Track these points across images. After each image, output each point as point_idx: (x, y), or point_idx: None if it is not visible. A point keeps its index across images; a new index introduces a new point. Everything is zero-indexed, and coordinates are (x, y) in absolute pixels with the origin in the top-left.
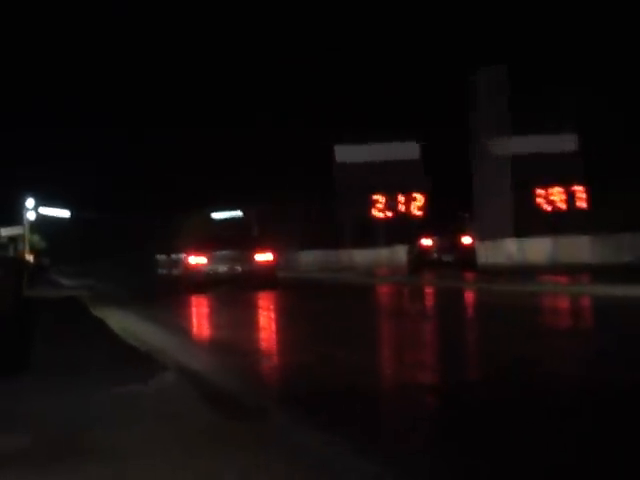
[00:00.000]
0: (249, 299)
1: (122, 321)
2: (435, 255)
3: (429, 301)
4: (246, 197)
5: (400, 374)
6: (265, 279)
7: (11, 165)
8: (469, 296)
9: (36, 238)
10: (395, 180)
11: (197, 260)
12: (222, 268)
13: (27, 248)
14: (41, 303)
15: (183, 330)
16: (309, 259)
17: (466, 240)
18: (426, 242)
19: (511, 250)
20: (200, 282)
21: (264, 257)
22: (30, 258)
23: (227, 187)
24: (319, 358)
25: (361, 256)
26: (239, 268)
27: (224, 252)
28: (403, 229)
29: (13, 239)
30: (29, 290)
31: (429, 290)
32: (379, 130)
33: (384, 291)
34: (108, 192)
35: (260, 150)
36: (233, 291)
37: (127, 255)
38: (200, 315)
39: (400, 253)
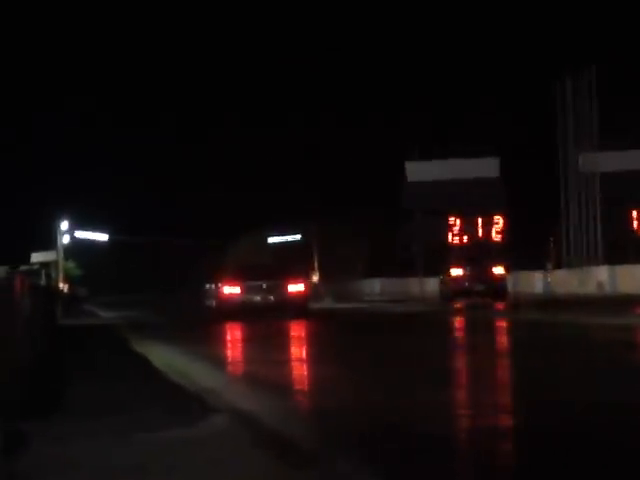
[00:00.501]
0: (297, 333)
1: (166, 357)
2: (466, 285)
3: (513, 336)
4: (307, 219)
5: (480, 419)
6: (297, 309)
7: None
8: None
9: (71, 265)
10: (472, 201)
11: (231, 290)
12: (256, 298)
13: (61, 276)
14: (77, 337)
15: (233, 367)
16: (374, 287)
17: (497, 270)
18: (456, 272)
19: (601, 278)
20: (234, 311)
21: (296, 287)
22: (64, 287)
23: (286, 208)
24: (387, 400)
25: (434, 285)
26: (272, 298)
27: (257, 282)
28: (481, 255)
29: (45, 265)
30: (64, 321)
31: (504, 324)
32: (454, 145)
33: (457, 324)
34: (151, 213)
35: (324, 167)
36: (279, 324)
37: (172, 284)
38: (251, 351)
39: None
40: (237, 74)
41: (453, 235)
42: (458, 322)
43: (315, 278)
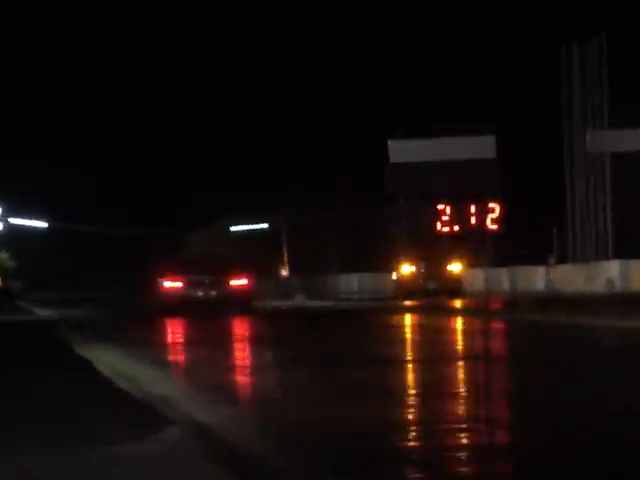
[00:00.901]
0: (250, 330)
1: (112, 361)
2: (420, 282)
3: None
4: (275, 205)
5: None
6: (240, 305)
7: None
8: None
9: (4, 255)
10: (464, 185)
11: (172, 284)
12: (198, 293)
13: None
14: (10, 339)
15: (188, 372)
16: (351, 283)
17: (453, 268)
18: (408, 269)
19: (611, 274)
20: (176, 307)
21: (239, 282)
22: None
23: (252, 194)
24: (363, 410)
25: None
26: (214, 293)
27: (200, 276)
28: (475, 247)
29: None
30: None
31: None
32: (444, 121)
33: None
34: (97, 199)
35: (294, 148)
36: (224, 323)
37: (119, 278)
38: (204, 354)
39: (472, 277)
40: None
41: (442, 224)
42: (441, 324)
43: (284, 272)
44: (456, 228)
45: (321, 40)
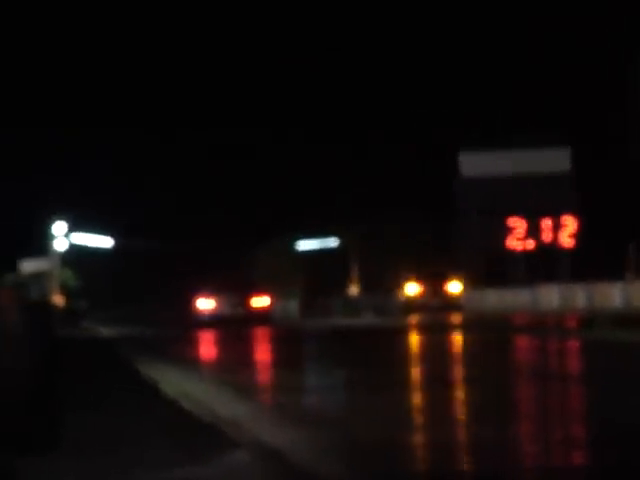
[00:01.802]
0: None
1: (180, 383)
2: (423, 301)
3: None
4: (344, 222)
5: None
6: (261, 319)
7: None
8: None
9: (68, 274)
10: (538, 199)
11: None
12: (227, 310)
13: (56, 287)
14: (77, 360)
15: (259, 393)
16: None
17: (453, 287)
18: (412, 289)
19: None
20: (209, 321)
21: (260, 302)
22: (60, 301)
23: (320, 209)
24: (460, 435)
25: (494, 299)
26: (240, 310)
27: (229, 296)
28: (550, 263)
29: (37, 276)
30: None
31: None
32: (518, 134)
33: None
34: (163, 216)
35: (362, 161)
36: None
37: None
38: (277, 373)
39: (547, 295)
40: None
41: (515, 239)
42: (524, 343)
43: (354, 290)
44: (529, 244)
45: (393, 51)
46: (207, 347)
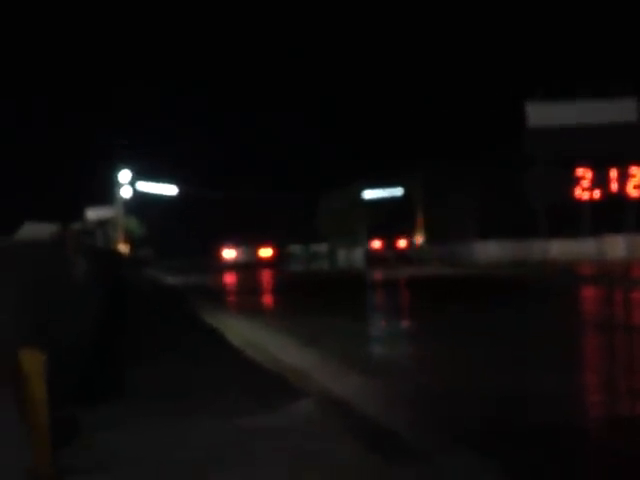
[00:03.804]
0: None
1: (244, 331)
2: (383, 254)
3: None
4: (410, 170)
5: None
6: (267, 265)
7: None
8: None
9: (133, 222)
10: (605, 149)
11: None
12: (243, 258)
13: (121, 235)
14: (141, 308)
15: (326, 344)
16: (488, 251)
17: (401, 243)
18: (376, 244)
19: None
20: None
21: (266, 252)
22: (124, 249)
23: (385, 157)
24: (504, 387)
25: (560, 249)
26: (251, 258)
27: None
28: (616, 213)
29: (102, 224)
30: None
31: None
32: (585, 83)
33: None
34: (228, 163)
35: (429, 111)
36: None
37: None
38: (337, 322)
39: (613, 246)
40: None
41: (582, 189)
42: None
43: (419, 239)
44: (596, 194)
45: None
46: (264, 295)
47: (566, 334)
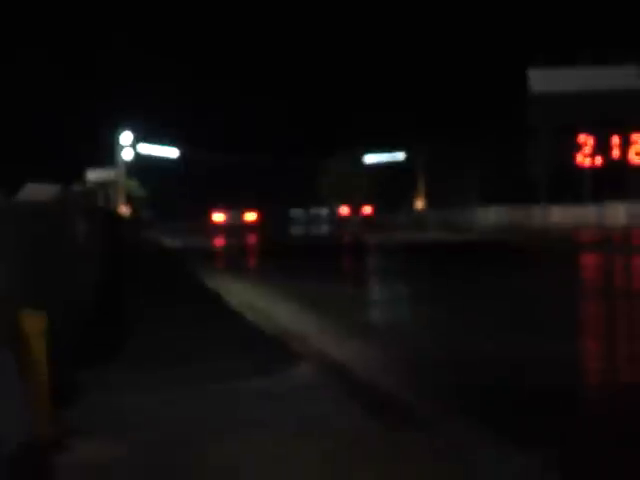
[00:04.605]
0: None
1: (243, 294)
2: (351, 220)
3: None
4: (411, 137)
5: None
6: (252, 229)
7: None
8: None
9: (134, 184)
10: (607, 116)
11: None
12: (230, 222)
13: (122, 197)
14: (141, 270)
15: (326, 308)
16: (489, 217)
17: (366, 210)
18: (344, 210)
19: None
20: (220, 229)
21: (250, 216)
22: (126, 211)
23: (387, 124)
24: (505, 351)
25: (560, 215)
26: (238, 222)
27: (232, 212)
28: (617, 181)
29: (103, 185)
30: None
31: None
32: (587, 50)
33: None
34: (228, 126)
35: (431, 77)
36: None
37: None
38: (353, 289)
39: (613, 212)
40: None
41: (583, 156)
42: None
43: (420, 205)
44: (598, 161)
45: None
46: (260, 258)
47: (565, 300)
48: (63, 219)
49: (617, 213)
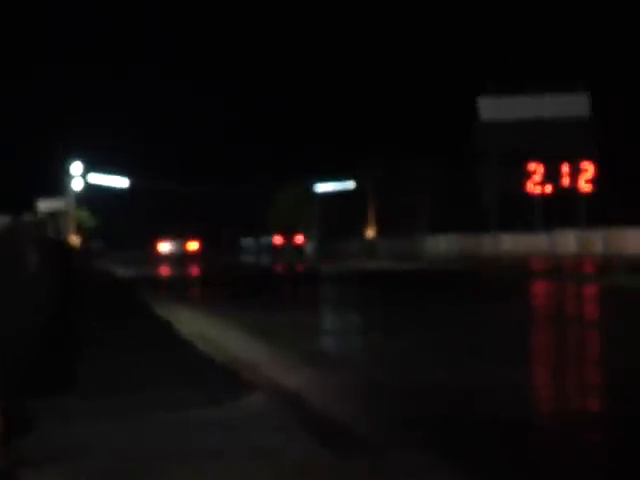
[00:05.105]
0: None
1: (193, 322)
2: (285, 248)
3: None
4: (362, 165)
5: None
6: (194, 257)
7: (53, 120)
8: None
9: (84, 214)
10: (557, 144)
11: (162, 247)
12: (174, 251)
13: (72, 227)
14: (92, 300)
15: (275, 337)
16: (440, 246)
17: (298, 239)
18: (278, 240)
19: None
20: (164, 258)
21: (192, 246)
22: (76, 240)
23: (337, 152)
24: (458, 379)
25: (511, 243)
26: (180, 251)
27: (174, 242)
28: (567, 208)
29: (54, 215)
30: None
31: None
32: (535, 78)
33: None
34: (178, 155)
35: (381, 105)
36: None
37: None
38: (307, 319)
39: (564, 240)
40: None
41: (534, 184)
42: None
43: (371, 234)
44: (548, 189)
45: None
46: (207, 287)
47: (516, 327)
48: (14, 249)
49: (567, 241)
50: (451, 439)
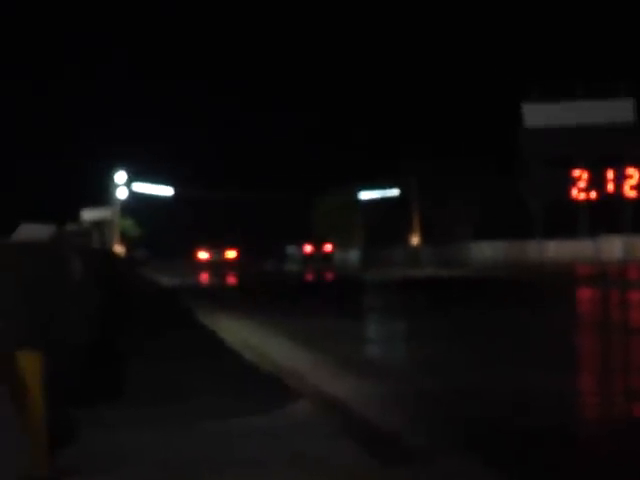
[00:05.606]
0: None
1: (240, 332)
2: (314, 257)
3: None
4: (406, 172)
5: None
6: (232, 266)
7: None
8: None
9: (129, 223)
10: (602, 150)
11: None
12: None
13: (117, 236)
14: (137, 309)
15: (322, 346)
16: (486, 252)
17: (327, 247)
18: (308, 248)
19: None
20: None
21: (231, 254)
22: (120, 250)
23: (382, 159)
24: (504, 385)
25: (556, 249)
26: (220, 259)
27: (214, 250)
28: (613, 214)
29: (99, 225)
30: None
31: None
32: (581, 84)
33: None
34: (223, 164)
35: (427, 111)
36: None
37: (247, 245)
38: (351, 327)
39: (609, 246)
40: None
41: (578, 190)
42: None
43: (415, 241)
44: (592, 195)
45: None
46: (253, 295)
47: (564, 334)
48: (59, 258)
49: (613, 247)
50: (497, 446)
